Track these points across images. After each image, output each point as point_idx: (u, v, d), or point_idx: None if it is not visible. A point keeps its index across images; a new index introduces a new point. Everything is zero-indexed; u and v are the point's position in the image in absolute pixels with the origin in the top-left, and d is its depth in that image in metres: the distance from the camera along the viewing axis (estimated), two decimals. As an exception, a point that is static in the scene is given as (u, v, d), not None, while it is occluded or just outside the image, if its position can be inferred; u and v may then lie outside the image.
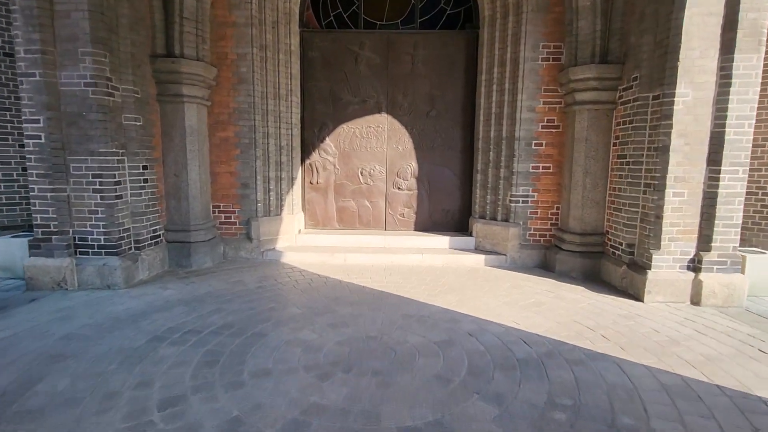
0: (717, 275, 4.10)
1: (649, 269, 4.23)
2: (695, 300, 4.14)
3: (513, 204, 5.50)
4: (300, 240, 5.97)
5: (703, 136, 4.04)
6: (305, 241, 5.97)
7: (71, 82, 4.15)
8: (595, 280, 4.96)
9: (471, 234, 5.95)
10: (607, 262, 4.89)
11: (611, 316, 3.87)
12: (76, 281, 4.33)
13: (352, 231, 6.23)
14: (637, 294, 4.31)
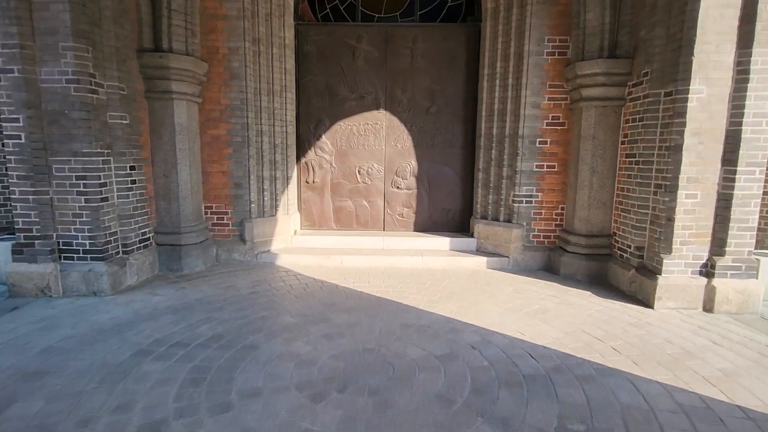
0: (731, 281, 3.92)
1: (660, 274, 4.05)
2: (708, 307, 3.96)
3: (516, 204, 5.30)
4: (295, 241, 5.78)
5: (718, 134, 3.84)
6: (301, 243, 5.78)
7: (52, 78, 3.93)
8: (602, 283, 4.77)
9: (472, 235, 5.76)
10: (615, 265, 4.71)
11: (621, 324, 3.69)
12: (60, 288, 4.15)
13: (349, 232, 6.04)
14: (647, 300, 4.13)
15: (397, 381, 2.73)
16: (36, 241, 4.08)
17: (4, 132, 3.94)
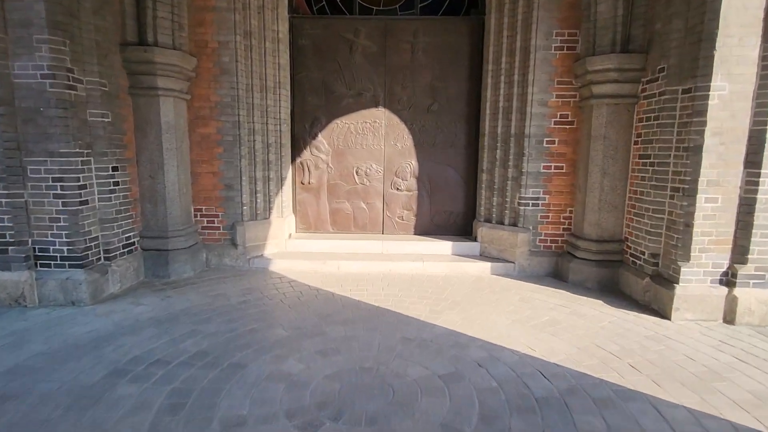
0: (754, 290, 3.66)
1: (677, 283, 3.80)
2: (729, 318, 3.71)
3: (522, 207, 5.04)
4: (290, 245, 5.51)
5: (741, 134, 3.59)
6: (296, 247, 5.51)
7: (26, 73, 3.64)
8: (613, 291, 4.52)
9: (476, 239, 5.50)
10: (627, 272, 4.45)
11: (637, 338, 3.44)
12: (36, 297, 3.87)
13: (346, 235, 5.77)
14: (663, 310, 3.88)
15: (398, 406, 2.47)
16: (9, 248, 3.81)
17: (-26, 130, 3.66)
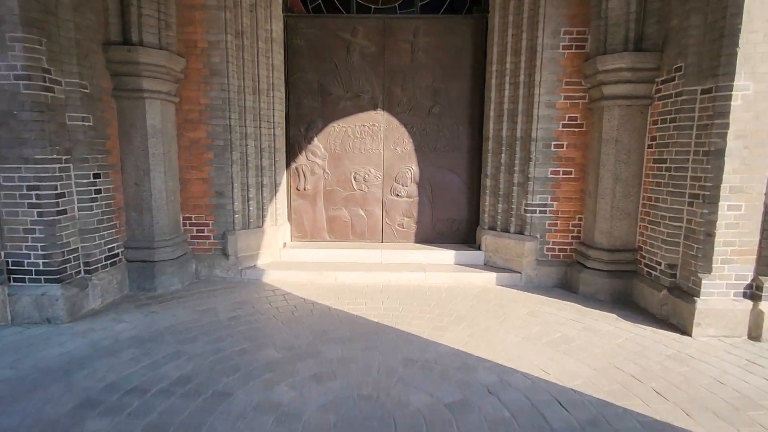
0: (781, 305, 3.42)
1: (698, 296, 3.54)
2: (754, 334, 3.45)
3: (528, 214, 4.79)
4: (285, 255, 5.24)
5: (766, 137, 3.34)
6: (291, 257, 5.24)
7: (-2, 73, 3.40)
8: (627, 304, 4.26)
9: (480, 247, 5.24)
10: (641, 283, 4.20)
11: (657, 357, 3.17)
12: (9, 315, 3.60)
13: (344, 244, 5.51)
14: (683, 326, 3.61)
15: (400, 443, 2.20)
16: (-19, 262, 3.54)
17: (-59, 135, 3.40)
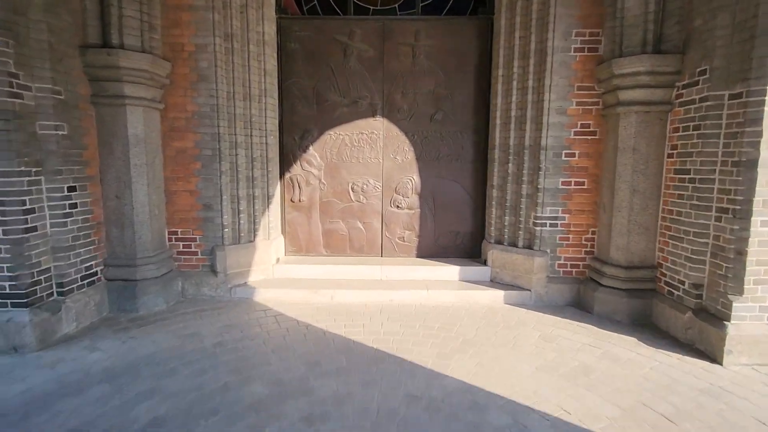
0: (823, 331, 3.10)
1: (728, 320, 3.22)
2: (793, 364, 3.14)
3: (538, 227, 4.47)
4: (278, 271, 4.92)
5: (804, 146, 3.05)
6: (284, 273, 4.92)
7: (-40, 78, 3.10)
8: (646, 325, 3.93)
9: (485, 262, 4.92)
10: (662, 303, 3.88)
11: (689, 392, 2.85)
12: (-29, 343, 3.28)
13: (341, 259, 5.18)
14: (712, 353, 3.29)
15: None
16: (-60, 285, 3.22)
17: None
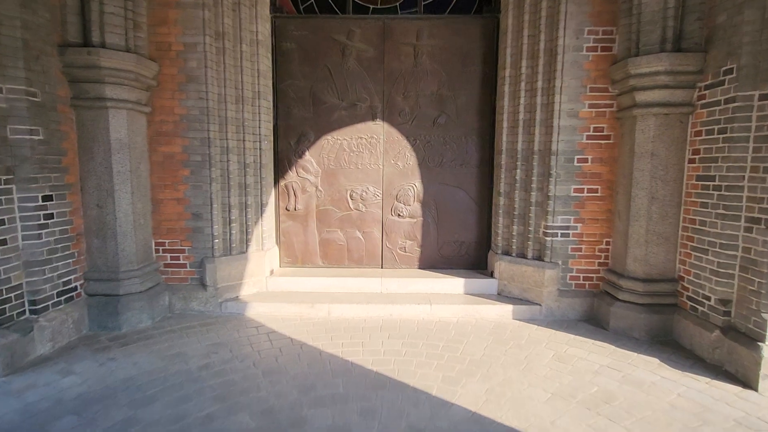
0: None
1: (762, 341, 2.94)
2: (835, 390, 2.85)
3: (549, 237, 4.20)
4: (272, 284, 4.64)
5: (843, 150, 2.78)
6: (279, 286, 4.64)
7: (-77, 78, 2.85)
8: (668, 344, 3.65)
9: (492, 274, 4.64)
10: (685, 320, 3.59)
11: (724, 422, 2.56)
12: (-68, 368, 3.00)
13: (339, 270, 4.91)
14: (745, 376, 3.00)
15: None
16: None
17: None
